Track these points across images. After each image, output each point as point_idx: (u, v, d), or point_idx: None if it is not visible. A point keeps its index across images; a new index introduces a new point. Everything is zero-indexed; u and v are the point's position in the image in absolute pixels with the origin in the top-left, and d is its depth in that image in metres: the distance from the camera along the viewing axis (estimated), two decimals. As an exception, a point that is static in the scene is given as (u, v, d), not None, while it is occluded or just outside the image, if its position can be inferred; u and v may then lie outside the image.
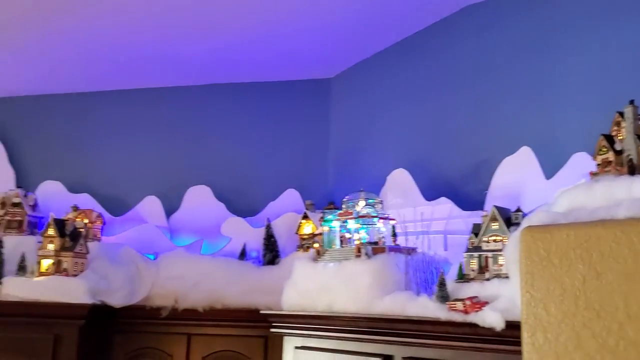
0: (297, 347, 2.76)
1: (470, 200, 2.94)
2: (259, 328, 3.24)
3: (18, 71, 4.06)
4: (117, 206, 4.13)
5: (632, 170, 1.66)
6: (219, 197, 4.11)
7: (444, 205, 3.00)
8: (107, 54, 3.84)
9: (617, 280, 1.36)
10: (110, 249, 3.57)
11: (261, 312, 3.02)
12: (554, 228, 1.51)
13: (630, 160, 1.68)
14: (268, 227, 3.73)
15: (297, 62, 4.07)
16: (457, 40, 3.31)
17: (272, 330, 2.92)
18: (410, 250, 2.64)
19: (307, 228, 3.62)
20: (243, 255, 3.75)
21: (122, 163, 4.28)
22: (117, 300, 3.32)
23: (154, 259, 3.71)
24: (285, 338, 2.86)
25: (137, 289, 3.43)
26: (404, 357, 2.26)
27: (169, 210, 4.11)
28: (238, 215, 4.01)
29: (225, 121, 4.33)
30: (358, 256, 2.62)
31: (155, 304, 3.44)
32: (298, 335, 2.77)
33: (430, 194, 3.15)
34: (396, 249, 2.68)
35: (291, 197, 4.04)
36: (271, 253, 3.67)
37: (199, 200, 4.09)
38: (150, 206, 4.08)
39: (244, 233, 3.88)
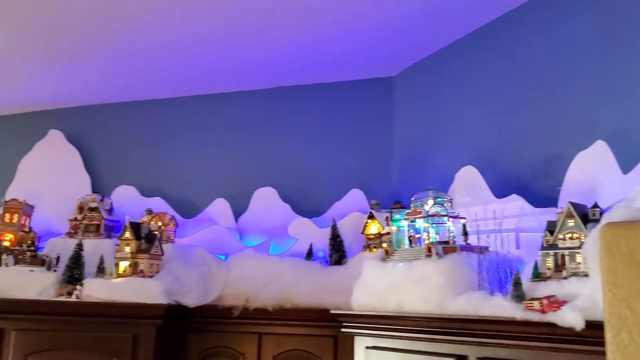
0: (368, 347, 2.76)
1: (542, 197, 2.87)
2: (329, 328, 3.25)
3: (92, 81, 4.25)
4: (188, 209, 4.26)
5: None
6: (285, 198, 4.17)
7: (515, 203, 2.93)
8: (176, 62, 3.97)
9: None
10: (183, 251, 3.68)
11: (331, 312, 3.02)
12: (636, 224, 1.46)
13: None
14: (334, 227, 3.75)
15: (359, 62, 4.08)
16: (526, 32, 3.23)
17: (343, 330, 2.93)
18: (482, 249, 2.59)
19: (373, 228, 3.62)
20: (310, 255, 3.78)
21: (191, 167, 4.41)
22: (191, 300, 3.41)
23: (225, 260, 3.79)
24: (356, 338, 2.87)
25: (209, 289, 3.51)
26: (478, 358, 2.22)
27: (237, 212, 4.20)
28: (304, 216, 4.05)
29: (289, 123, 4.39)
30: (429, 256, 2.59)
31: (227, 303, 3.51)
32: (369, 335, 2.78)
33: (500, 191, 3.08)
34: (468, 248, 2.63)
35: (356, 197, 4.04)
36: (337, 253, 3.68)
37: (266, 202, 4.16)
38: (220, 208, 4.18)
39: (310, 233, 3.91)
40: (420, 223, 2.81)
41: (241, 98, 4.48)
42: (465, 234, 2.76)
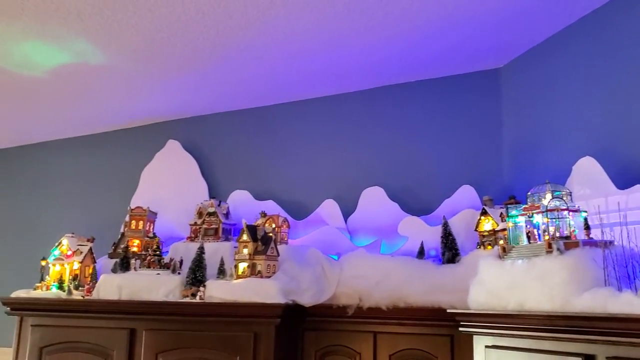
0: (487, 346, 2.71)
1: (670, 186, 2.69)
2: (444, 327, 3.22)
3: (205, 92, 4.48)
4: (299, 210, 4.37)
5: None
6: (393, 197, 4.17)
7: (640, 193, 2.77)
8: (282, 69, 4.09)
9: None
10: (297, 251, 3.76)
11: (448, 311, 2.99)
12: None
13: None
14: (445, 225, 3.69)
15: (464, 55, 4.00)
16: (637, 13, 3.03)
17: (461, 329, 2.89)
18: (607, 244, 2.45)
19: (487, 225, 3.53)
20: (422, 253, 3.75)
21: (300, 169, 4.53)
22: (306, 299, 3.48)
23: (337, 259, 3.85)
24: (475, 337, 2.82)
25: (323, 289, 3.57)
26: (607, 357, 2.12)
27: (346, 212, 4.25)
28: (413, 214, 4.03)
29: (394, 122, 4.39)
30: (549, 252, 2.50)
31: (341, 302, 3.54)
32: (489, 334, 2.72)
33: (623, 182, 2.92)
34: (591, 242, 2.51)
35: (466, 193, 3.96)
36: (450, 251, 3.62)
37: (374, 201, 4.18)
38: (329, 209, 4.25)
39: (421, 232, 3.88)
40: (538, 218, 2.72)
41: (345, 100, 4.54)
42: (587, 228, 2.63)
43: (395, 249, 3.96)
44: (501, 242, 3.13)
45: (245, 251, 3.54)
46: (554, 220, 2.63)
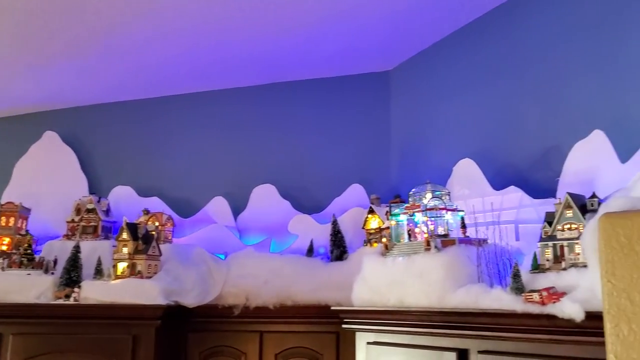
0: (369, 343, 2.75)
1: (540, 188, 2.85)
2: (330, 324, 3.24)
3: (88, 81, 4.23)
4: (186, 208, 4.24)
5: None
6: (284, 195, 4.16)
7: (514, 194, 2.92)
8: (170, 60, 3.95)
9: None
10: (181, 250, 3.66)
11: (332, 308, 3.01)
12: (634, 214, 1.44)
13: None
14: (334, 223, 3.73)
15: (355, 56, 4.06)
16: (521, 22, 3.21)
17: (344, 326, 2.92)
18: (481, 242, 2.57)
19: (374, 223, 3.60)
20: (311, 252, 3.77)
21: (188, 165, 4.40)
22: (190, 300, 3.39)
23: (224, 259, 3.77)
24: (357, 334, 2.85)
25: (209, 289, 3.50)
26: (479, 351, 2.21)
27: (236, 210, 4.18)
28: (304, 212, 4.04)
29: (286, 120, 4.37)
30: (428, 249, 2.58)
31: (227, 302, 3.49)
32: (370, 330, 2.76)
33: (498, 183, 3.07)
34: (466, 240, 2.62)
35: (356, 192, 4.03)
36: (338, 249, 3.66)
37: (265, 199, 4.14)
38: (218, 206, 4.16)
39: (311, 230, 3.90)
40: (419, 217, 2.79)
41: (237, 95, 4.46)
42: (464, 226, 2.75)
43: (285, 247, 3.94)
44: (384, 239, 3.19)
45: (125, 250, 3.39)
46: (433, 218, 2.71)
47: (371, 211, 3.62)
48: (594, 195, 2.21)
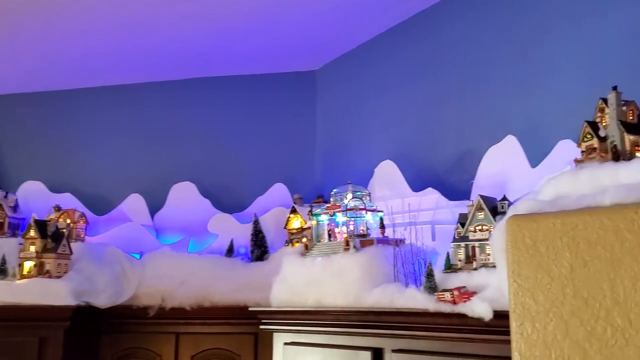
0: (286, 343, 2.74)
1: (456, 190, 2.94)
2: (249, 325, 3.20)
3: (-2, 70, 4.00)
4: (101, 205, 4.06)
5: (617, 156, 1.65)
6: (204, 193, 4.07)
7: (431, 196, 2.99)
8: (86, 50, 3.78)
9: (605, 268, 1.35)
10: (94, 249, 3.51)
11: (250, 309, 2.98)
12: (540, 216, 1.49)
13: (615, 146, 1.67)
14: (256, 223, 3.69)
15: (281, 55, 4.04)
16: (443, 29, 3.29)
17: (262, 327, 2.90)
18: (398, 242, 2.62)
19: (296, 222, 3.59)
20: (231, 251, 3.71)
21: (104, 161, 4.22)
22: (102, 300, 3.26)
23: (140, 258, 3.66)
24: (275, 334, 2.84)
25: (122, 289, 3.37)
26: (393, 350, 2.24)
27: (154, 208, 4.05)
28: (224, 212, 3.97)
29: (208, 116, 4.29)
30: (346, 249, 2.60)
31: (142, 303, 3.39)
32: (288, 331, 2.75)
33: (417, 185, 3.14)
34: (384, 240, 2.66)
35: (279, 191, 4.01)
36: (259, 249, 3.63)
37: (184, 197, 4.04)
38: (134, 204, 4.02)
39: (232, 229, 3.84)
40: (339, 217, 2.81)
41: (158, 89, 4.32)
42: (383, 227, 2.79)
43: (204, 247, 3.86)
44: (304, 239, 3.19)
45: (32, 248, 3.21)
46: (353, 219, 2.73)
47: (293, 211, 3.62)
48: (504, 198, 2.29)
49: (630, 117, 1.73)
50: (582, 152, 1.77)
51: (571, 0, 2.62)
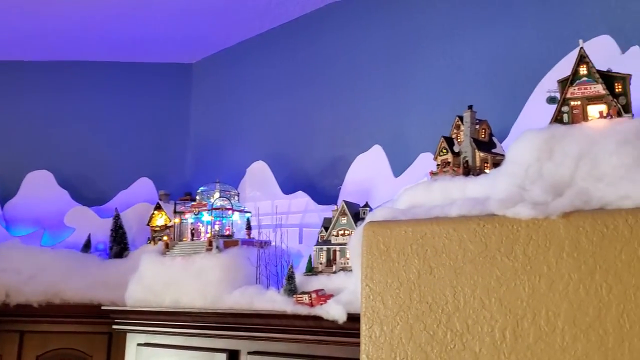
0: (140, 344, 2.63)
1: (326, 195, 3.00)
2: (103, 324, 3.04)
3: None
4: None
5: (467, 171, 1.75)
6: (63, 183, 3.80)
7: (301, 199, 3.03)
8: None
9: (448, 275, 1.42)
10: None
11: (103, 308, 2.84)
12: (393, 224, 1.55)
13: (467, 162, 1.77)
14: (117, 218, 3.51)
15: (158, 44, 3.88)
16: (322, 36, 3.34)
17: (115, 327, 2.77)
18: (263, 244, 2.61)
19: (160, 220, 3.45)
20: (87, 247, 3.50)
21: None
22: None
23: (-17, 251, 3.35)
24: (129, 335, 2.72)
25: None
26: (249, 352, 2.23)
27: (4, 197, 3.73)
28: (84, 204, 3.74)
29: (73, 101, 4.01)
30: (209, 250, 2.55)
31: (-17, 299, 3.11)
32: (142, 331, 2.64)
33: (288, 188, 3.17)
34: (249, 242, 2.64)
35: (144, 186, 3.84)
36: (119, 245, 3.45)
37: (39, 187, 3.75)
38: (-18, 192, 3.69)
39: (90, 223, 3.63)
40: (205, 216, 2.75)
41: (19, 69, 3.99)
42: (249, 228, 2.76)
43: (59, 241, 3.61)
44: (165, 237, 3.09)
45: None
46: (218, 219, 2.69)
47: (158, 207, 3.48)
48: (366, 205, 2.36)
49: (482, 136, 1.85)
50: (438, 165, 1.87)
51: (439, 24, 2.76)
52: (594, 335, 1.20)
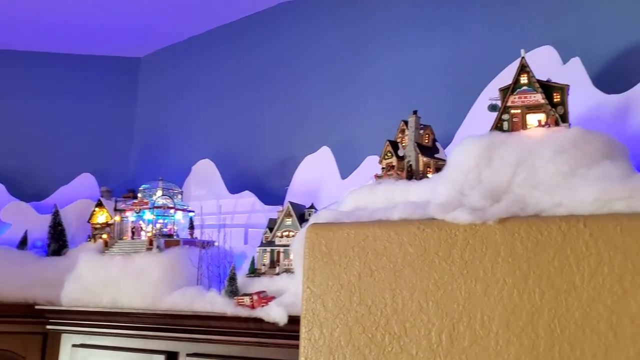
0: (75, 345, 2.54)
1: (273, 195, 2.97)
2: (37, 324, 2.93)
3: None
4: None
5: (411, 175, 1.76)
6: None
7: (248, 199, 3.00)
8: None
9: (388, 278, 1.42)
10: None
11: (37, 307, 2.73)
12: (336, 226, 1.54)
13: (410, 166, 1.79)
14: (56, 214, 3.39)
15: (104, 36, 3.77)
16: (270, 36, 3.32)
17: (49, 327, 2.67)
18: (206, 244, 2.56)
19: (101, 217, 3.36)
20: (24, 244, 3.37)
21: None
22: None
23: None
24: (63, 335, 2.63)
25: None
26: (188, 354, 2.18)
27: None
28: (21, 199, 3.59)
29: (12, 91, 3.86)
30: (149, 249, 2.49)
31: None
32: (77, 332, 2.55)
33: (234, 187, 3.13)
34: (191, 242, 2.59)
35: (86, 182, 3.74)
36: (57, 243, 3.34)
37: (-26, 180, 3.61)
38: None
39: (28, 219, 3.49)
40: (147, 215, 2.69)
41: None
42: (192, 227, 2.71)
43: (-6, 237, 3.47)
44: (104, 236, 3.00)
45: None
46: (160, 217, 2.63)
47: (99, 204, 3.38)
48: (312, 206, 2.35)
49: (426, 141, 1.86)
50: (383, 168, 1.87)
51: (388, 28, 2.78)
52: (527, 339, 1.22)
